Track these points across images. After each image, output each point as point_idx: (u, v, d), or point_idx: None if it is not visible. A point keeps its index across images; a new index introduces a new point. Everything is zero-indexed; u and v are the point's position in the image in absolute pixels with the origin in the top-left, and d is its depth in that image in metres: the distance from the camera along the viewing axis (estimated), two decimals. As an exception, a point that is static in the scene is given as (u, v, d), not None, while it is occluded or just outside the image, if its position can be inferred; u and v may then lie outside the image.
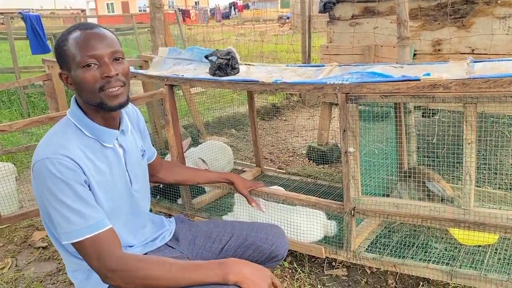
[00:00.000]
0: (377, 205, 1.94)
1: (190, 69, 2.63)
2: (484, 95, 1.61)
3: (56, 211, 1.21)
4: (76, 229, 1.21)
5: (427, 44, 3.07)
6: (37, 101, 6.01)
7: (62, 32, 1.33)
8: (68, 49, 1.28)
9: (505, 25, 2.73)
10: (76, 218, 1.21)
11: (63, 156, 1.22)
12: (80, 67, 1.27)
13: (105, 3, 41.72)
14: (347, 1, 3.42)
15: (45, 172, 1.20)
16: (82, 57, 1.26)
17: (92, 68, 1.27)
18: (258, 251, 1.59)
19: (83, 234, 1.21)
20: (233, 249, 1.60)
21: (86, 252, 1.22)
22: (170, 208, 2.69)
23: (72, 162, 1.23)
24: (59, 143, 1.25)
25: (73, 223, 1.21)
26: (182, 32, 8.43)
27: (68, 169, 1.21)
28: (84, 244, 1.22)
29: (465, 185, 1.72)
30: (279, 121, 5.34)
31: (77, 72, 1.28)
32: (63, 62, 1.30)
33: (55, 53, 1.33)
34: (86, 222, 1.22)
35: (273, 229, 1.66)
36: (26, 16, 6.11)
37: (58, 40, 1.33)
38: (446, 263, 1.95)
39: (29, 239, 2.71)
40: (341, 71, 2.19)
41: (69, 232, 1.21)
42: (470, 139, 1.68)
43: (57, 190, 1.20)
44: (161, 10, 3.65)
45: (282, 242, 1.63)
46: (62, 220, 1.21)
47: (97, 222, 1.24)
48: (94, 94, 1.29)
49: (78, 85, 1.30)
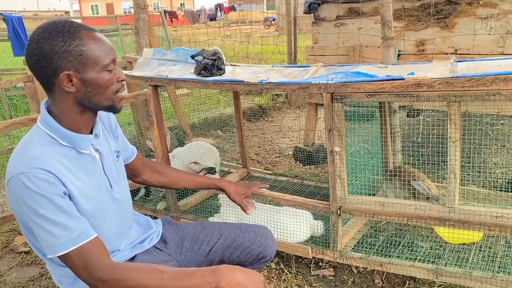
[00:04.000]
0: (363, 204, 1.95)
1: (175, 70, 2.61)
2: (467, 93, 1.62)
3: (37, 226, 1.17)
4: (60, 242, 1.17)
5: (411, 44, 3.09)
6: (19, 103, 5.91)
7: (58, 32, 1.20)
8: (90, 50, 1.22)
9: (487, 26, 2.77)
10: (59, 231, 1.17)
11: (39, 169, 1.16)
12: (104, 70, 1.25)
13: (89, 5, 41.31)
14: (332, 2, 3.43)
15: (20, 188, 1.15)
16: (108, 60, 1.25)
17: (112, 71, 1.27)
18: (246, 252, 1.58)
19: (68, 247, 1.17)
20: (221, 251, 1.59)
21: (73, 264, 1.19)
22: (155, 210, 2.66)
23: (49, 174, 1.18)
24: (33, 155, 1.19)
25: (57, 237, 1.16)
26: (167, 33, 8.38)
27: (46, 182, 1.17)
28: (70, 256, 1.18)
29: (450, 183, 1.74)
30: (265, 122, 5.33)
31: (101, 75, 1.24)
32: (74, 62, 1.20)
33: (53, 52, 1.18)
34: (70, 234, 1.18)
35: (261, 230, 1.65)
36: (8, 17, 6.00)
37: (64, 39, 1.19)
38: (432, 261, 1.96)
39: (10, 243, 2.65)
40: (327, 71, 2.19)
41: (54, 245, 1.17)
42: (454, 138, 1.69)
43: (36, 205, 1.15)
44: (145, 11, 3.62)
45: (270, 243, 1.63)
46: (45, 235, 1.17)
47: (81, 233, 1.20)
48: (109, 97, 1.28)
49: (93, 87, 1.25)
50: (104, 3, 39.74)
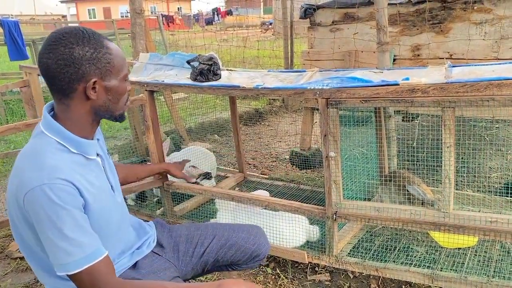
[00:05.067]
0: (358, 209, 1.95)
1: (171, 74, 2.61)
2: (461, 99, 1.63)
3: (51, 242, 1.15)
4: (74, 260, 1.15)
5: (406, 49, 3.11)
6: (15, 108, 5.90)
7: (87, 38, 1.20)
8: (116, 59, 1.25)
9: (481, 31, 2.79)
10: (74, 249, 1.15)
11: (61, 180, 1.15)
12: (124, 79, 1.31)
13: (86, 9, 41.30)
14: (328, 7, 3.45)
15: (43, 200, 1.13)
16: (127, 70, 1.32)
17: (127, 81, 1.34)
18: (240, 251, 1.60)
19: (81, 265, 1.16)
20: (215, 251, 1.61)
21: (81, 282, 1.18)
22: (151, 216, 2.65)
23: (69, 184, 1.17)
24: (52, 165, 1.16)
25: (71, 254, 1.15)
26: (164, 38, 8.38)
27: (68, 194, 1.16)
28: (81, 275, 1.17)
29: (445, 188, 1.74)
30: (262, 126, 5.34)
31: (121, 84, 1.30)
32: (102, 69, 1.22)
33: (88, 59, 1.19)
34: (84, 252, 1.17)
35: (254, 229, 1.68)
36: (4, 22, 6.00)
37: (95, 46, 1.20)
38: (427, 266, 1.97)
39: (6, 249, 2.64)
40: (322, 76, 2.20)
41: (66, 263, 1.15)
42: (449, 143, 1.70)
43: (56, 218, 1.13)
44: (142, 16, 3.62)
45: (264, 241, 1.66)
46: (58, 251, 1.15)
47: (94, 251, 1.19)
48: (122, 105, 1.34)
49: (115, 96, 1.29)
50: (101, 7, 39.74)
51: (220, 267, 1.67)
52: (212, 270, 1.68)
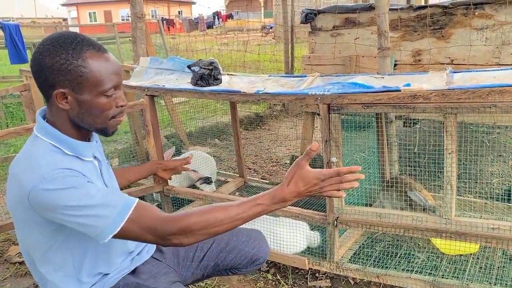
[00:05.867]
0: (360, 215, 1.94)
1: (172, 79, 2.61)
2: (463, 105, 1.63)
3: (80, 218, 1.13)
4: (111, 221, 1.14)
5: (407, 55, 3.11)
6: (15, 111, 5.89)
7: (64, 48, 1.18)
8: (91, 72, 1.19)
9: (482, 36, 2.79)
10: (104, 211, 1.14)
11: (58, 169, 1.15)
12: (102, 94, 1.22)
13: (87, 12, 41.40)
14: (328, 12, 3.45)
15: (47, 194, 1.12)
16: (109, 85, 1.22)
17: (111, 96, 1.24)
18: (240, 255, 1.60)
19: (120, 221, 1.14)
20: (215, 255, 1.60)
21: (134, 233, 1.16)
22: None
23: (69, 170, 1.16)
24: (48, 162, 1.17)
25: (104, 217, 1.13)
26: (164, 41, 8.40)
27: (69, 176, 1.15)
28: (127, 228, 1.15)
29: (446, 194, 1.74)
30: (262, 131, 5.33)
31: (97, 99, 1.22)
32: (71, 81, 1.18)
33: (53, 68, 1.17)
34: (115, 209, 1.15)
35: (254, 232, 1.68)
36: (5, 25, 6.01)
37: (67, 56, 1.17)
38: (429, 273, 1.95)
39: (5, 254, 2.62)
40: (323, 82, 2.20)
41: (105, 227, 1.13)
42: (451, 149, 1.69)
43: (68, 200, 1.12)
44: (142, 20, 3.62)
45: (263, 245, 1.66)
46: (92, 221, 1.13)
47: (124, 203, 1.17)
48: (102, 121, 1.26)
49: (86, 109, 1.22)
50: (102, 10, 39.84)
51: (220, 271, 1.66)
52: (212, 274, 1.68)
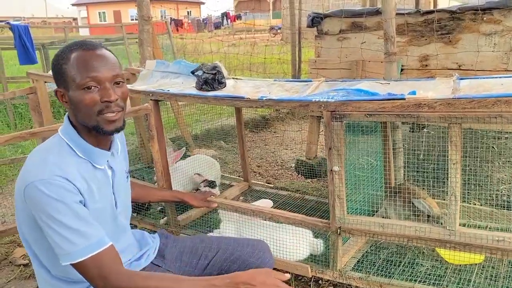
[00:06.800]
0: (362, 225, 1.92)
1: (177, 82, 2.61)
2: (468, 115, 1.60)
3: (54, 233, 1.17)
4: (78, 249, 1.17)
5: (414, 60, 3.08)
6: (24, 112, 5.94)
7: (62, 49, 1.30)
8: (68, 68, 1.25)
9: (491, 42, 2.75)
10: (77, 238, 1.17)
11: (59, 177, 1.18)
12: (80, 88, 1.25)
13: (97, 12, 41.65)
14: (335, 16, 3.43)
15: (39, 195, 1.16)
16: (83, 79, 1.25)
17: (92, 90, 1.26)
18: (244, 265, 1.59)
19: (85, 254, 1.18)
20: (219, 264, 1.61)
21: (88, 272, 1.19)
22: (155, 225, 2.65)
23: (68, 182, 1.20)
24: (54, 163, 1.21)
25: (74, 243, 1.17)
26: (172, 43, 8.41)
27: (64, 189, 1.19)
28: (86, 264, 1.18)
29: (451, 205, 1.71)
30: (268, 133, 5.32)
31: (76, 93, 1.26)
32: (61, 80, 1.27)
33: (52, 70, 1.29)
34: (88, 241, 1.19)
35: (259, 243, 1.68)
36: (14, 26, 6.05)
37: (57, 57, 1.29)
38: (433, 283, 1.93)
39: (10, 256, 2.64)
40: (328, 87, 2.18)
41: (71, 252, 1.17)
42: (455, 159, 1.67)
43: (54, 211, 1.16)
44: (149, 23, 3.63)
45: (268, 256, 1.65)
46: (62, 241, 1.17)
47: (98, 241, 1.21)
48: (91, 117, 1.28)
49: (75, 106, 1.28)
50: (112, 10, 40.07)
51: None
52: None
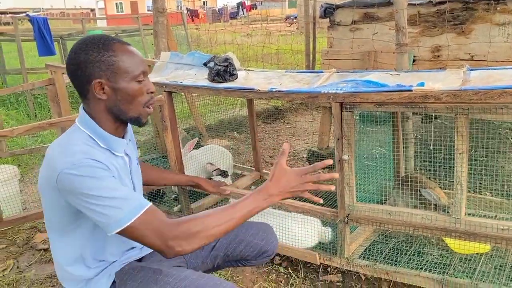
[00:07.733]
0: (370, 212, 1.96)
1: (191, 74, 2.66)
2: (474, 106, 1.62)
3: (96, 207, 1.21)
4: (123, 215, 1.20)
5: (426, 50, 3.07)
6: (43, 102, 6.08)
7: (94, 41, 1.31)
8: (121, 61, 1.31)
9: (504, 32, 2.73)
10: (120, 203, 1.21)
11: (89, 159, 1.23)
12: (135, 80, 1.34)
13: (114, 2, 41.86)
14: (347, 6, 3.43)
15: (71, 178, 1.21)
16: (138, 71, 1.34)
17: (142, 83, 1.36)
18: (249, 246, 1.65)
19: (131, 217, 1.21)
20: (225, 246, 1.66)
21: (141, 233, 1.22)
22: (169, 212, 2.73)
23: (98, 163, 1.25)
24: (81, 150, 1.26)
25: (119, 208, 1.21)
26: (187, 34, 8.46)
27: (96, 167, 1.23)
28: (136, 226, 1.21)
29: (456, 194, 1.74)
30: (281, 124, 5.35)
31: (130, 85, 1.33)
32: (107, 71, 1.30)
33: (92, 62, 1.29)
34: (130, 205, 1.22)
35: (263, 225, 1.73)
36: (33, 18, 6.19)
37: (98, 50, 1.29)
38: (439, 271, 1.96)
39: (31, 241, 2.76)
40: (339, 78, 2.20)
41: (116, 220, 1.20)
42: (461, 149, 1.69)
43: (90, 189, 1.20)
44: (164, 15, 3.68)
45: (272, 237, 1.70)
46: (106, 211, 1.20)
47: (140, 202, 1.25)
48: (137, 108, 1.37)
49: (125, 97, 1.33)
50: (129, 0, 40.25)
51: (230, 263, 1.72)
52: (223, 265, 1.73)
